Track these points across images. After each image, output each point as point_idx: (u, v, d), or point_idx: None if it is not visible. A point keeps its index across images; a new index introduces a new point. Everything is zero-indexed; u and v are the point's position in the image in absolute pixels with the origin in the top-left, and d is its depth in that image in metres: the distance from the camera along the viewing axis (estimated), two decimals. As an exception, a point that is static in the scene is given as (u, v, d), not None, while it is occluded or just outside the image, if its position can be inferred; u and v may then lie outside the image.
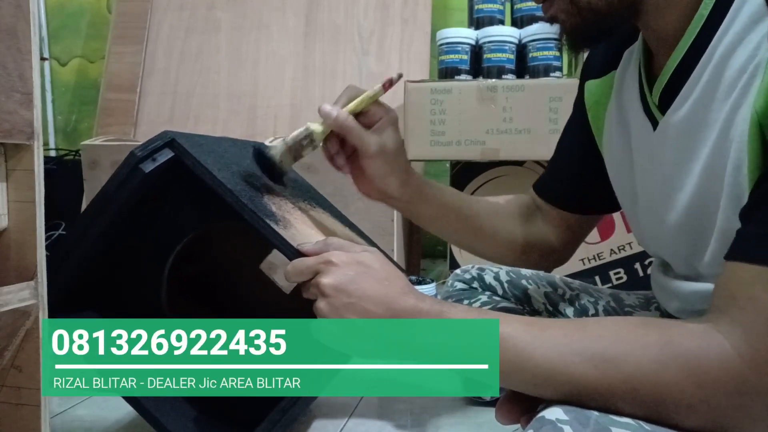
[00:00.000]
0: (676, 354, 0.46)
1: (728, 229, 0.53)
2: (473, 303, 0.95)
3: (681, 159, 0.58)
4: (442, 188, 0.82)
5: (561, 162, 0.86)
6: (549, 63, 1.67)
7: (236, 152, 0.83)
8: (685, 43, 0.57)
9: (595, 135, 0.78)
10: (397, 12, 2.11)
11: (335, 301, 0.57)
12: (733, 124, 0.51)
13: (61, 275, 0.74)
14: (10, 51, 0.58)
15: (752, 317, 0.45)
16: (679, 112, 0.58)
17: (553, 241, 0.86)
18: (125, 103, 2.17)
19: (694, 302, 0.65)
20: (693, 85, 0.56)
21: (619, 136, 0.71)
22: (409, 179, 0.76)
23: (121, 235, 0.77)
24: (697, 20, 0.56)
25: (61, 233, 1.95)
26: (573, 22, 0.60)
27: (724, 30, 0.53)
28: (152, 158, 0.71)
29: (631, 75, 0.68)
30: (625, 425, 0.45)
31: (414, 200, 0.78)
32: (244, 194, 0.69)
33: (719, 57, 0.53)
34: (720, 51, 0.53)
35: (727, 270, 0.49)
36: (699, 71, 0.56)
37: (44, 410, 0.62)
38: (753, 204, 0.50)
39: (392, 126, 0.73)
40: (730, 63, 0.52)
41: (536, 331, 0.51)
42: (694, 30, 0.56)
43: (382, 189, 0.75)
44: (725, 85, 0.53)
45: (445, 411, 0.98)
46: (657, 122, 0.62)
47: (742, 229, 0.50)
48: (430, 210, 0.80)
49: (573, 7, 0.58)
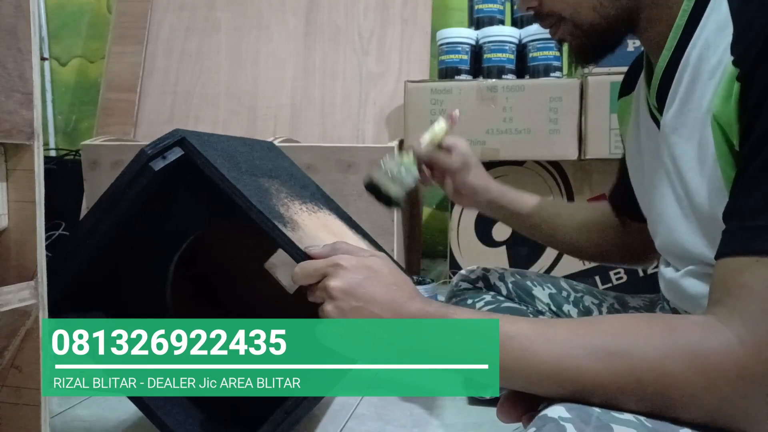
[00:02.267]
0: (679, 344, 0.47)
1: (711, 219, 0.56)
2: (477, 302, 0.95)
3: (675, 154, 0.61)
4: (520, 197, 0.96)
5: (618, 175, 0.92)
6: (549, 63, 1.67)
7: (246, 152, 0.82)
8: (668, 49, 0.61)
9: (624, 148, 0.82)
10: (397, 12, 2.11)
11: (343, 305, 0.58)
12: (707, 123, 0.54)
13: (63, 274, 0.73)
14: (10, 51, 0.57)
15: (746, 302, 0.46)
16: (670, 112, 0.62)
17: (634, 245, 0.90)
18: (125, 103, 2.17)
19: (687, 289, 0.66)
20: (677, 86, 0.60)
21: (635, 142, 0.74)
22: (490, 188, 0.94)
23: (127, 232, 0.77)
24: (675, 29, 0.60)
25: (62, 233, 1.95)
26: (579, 42, 0.65)
27: (697, 37, 0.57)
28: (162, 156, 0.71)
29: (642, 85, 0.72)
30: (626, 422, 0.45)
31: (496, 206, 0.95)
32: (253, 195, 0.69)
33: (695, 60, 0.57)
34: (695, 55, 0.57)
35: (718, 268, 0.50)
36: (680, 74, 0.59)
37: (44, 410, 0.62)
38: (731, 203, 0.52)
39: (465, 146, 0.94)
40: (704, 66, 0.56)
41: (541, 329, 0.51)
42: (675, 37, 0.60)
43: (470, 196, 0.94)
44: (701, 87, 0.56)
45: (445, 411, 0.98)
46: (659, 122, 0.65)
47: (726, 227, 0.51)
48: (511, 216, 0.96)
49: (577, 30, 0.65)
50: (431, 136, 0.93)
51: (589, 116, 1.54)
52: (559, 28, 0.66)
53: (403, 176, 0.89)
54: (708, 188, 0.56)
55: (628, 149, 0.78)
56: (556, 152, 1.58)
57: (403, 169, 0.89)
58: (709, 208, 0.56)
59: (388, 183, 0.88)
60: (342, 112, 2.03)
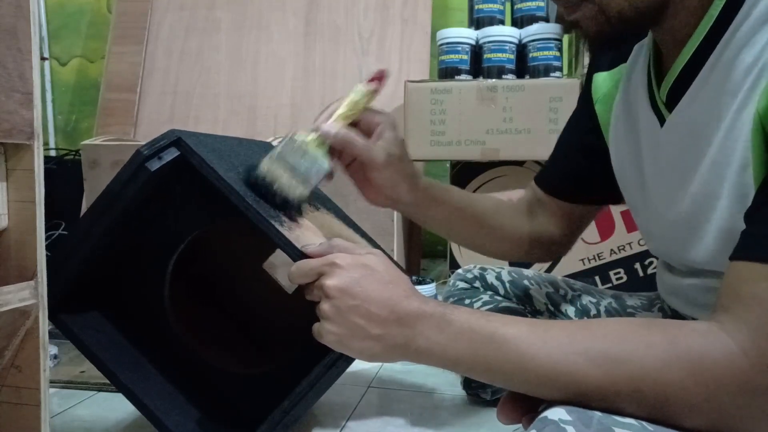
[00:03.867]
0: (679, 353, 0.46)
1: (730, 228, 0.53)
2: (474, 302, 0.95)
3: (687, 156, 0.59)
4: (448, 188, 0.82)
5: (561, 154, 0.87)
6: (549, 63, 1.67)
7: (242, 152, 0.82)
8: (694, 43, 0.57)
9: (601, 127, 0.78)
10: (397, 12, 2.11)
11: (339, 303, 0.57)
12: (739, 124, 0.52)
13: (63, 274, 0.73)
14: (10, 51, 0.57)
15: (756, 315, 0.45)
16: (687, 111, 0.59)
17: (555, 233, 0.86)
18: (125, 103, 2.17)
19: (694, 296, 0.65)
20: (701, 84, 0.57)
21: (627, 130, 0.71)
22: (417, 183, 0.76)
23: (124, 233, 0.77)
24: (706, 20, 0.56)
25: (61, 233, 1.95)
26: (599, 29, 0.59)
27: (733, 30, 0.54)
28: (158, 157, 0.71)
29: (640, 70, 0.68)
30: (628, 426, 0.45)
31: (423, 204, 0.78)
32: (249, 195, 0.69)
33: (727, 57, 0.54)
34: (728, 51, 0.54)
35: (731, 270, 0.49)
36: (707, 71, 0.56)
37: (44, 410, 0.62)
38: (756, 205, 0.50)
39: (391, 130, 0.72)
40: (737, 63, 0.53)
41: (539, 331, 0.51)
42: (703, 30, 0.56)
43: (392, 196, 0.75)
44: (732, 85, 0.53)
45: (445, 411, 0.98)
46: (664, 119, 0.63)
47: (747, 229, 0.50)
48: (439, 212, 0.80)
49: (602, 15, 0.58)
50: (348, 109, 0.69)
51: (589, 116, 1.54)
52: (579, 9, 0.59)
53: (308, 170, 0.68)
54: (729, 192, 0.53)
55: (617, 136, 0.74)
56: (556, 152, 1.58)
57: (308, 159, 0.67)
58: (729, 215, 0.53)
59: (286, 178, 0.68)
60: (342, 112, 2.02)
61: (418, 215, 0.81)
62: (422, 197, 0.77)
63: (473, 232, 0.85)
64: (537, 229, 0.86)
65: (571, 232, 0.87)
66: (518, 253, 0.87)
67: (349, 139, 0.70)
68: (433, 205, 0.79)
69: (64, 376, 1.10)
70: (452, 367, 0.55)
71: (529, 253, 0.88)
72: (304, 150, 0.68)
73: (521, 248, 0.86)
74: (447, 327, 0.54)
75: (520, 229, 0.86)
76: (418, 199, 0.77)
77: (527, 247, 0.86)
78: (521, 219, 0.86)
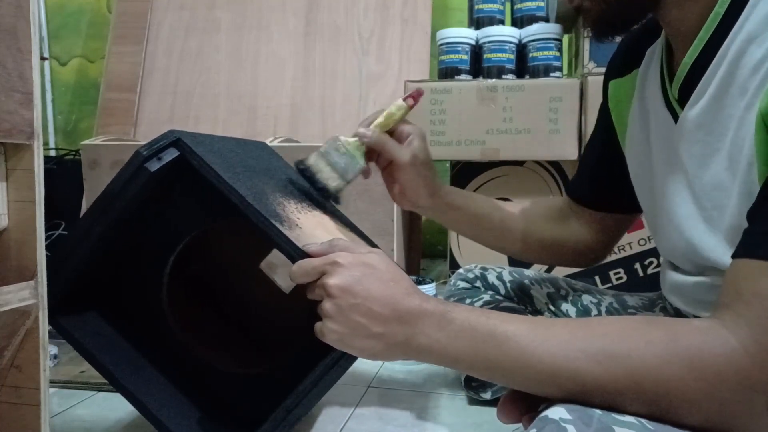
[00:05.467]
0: (679, 349, 0.46)
1: (739, 226, 0.53)
2: (475, 302, 0.95)
3: (699, 153, 0.59)
4: (471, 196, 0.89)
5: (587, 164, 0.89)
6: (549, 63, 1.67)
7: (241, 152, 0.83)
8: (701, 39, 0.58)
9: (618, 134, 0.79)
10: (397, 12, 2.11)
11: (341, 302, 0.57)
12: (747, 122, 0.52)
13: (62, 275, 0.73)
14: (10, 51, 0.57)
15: (757, 312, 0.45)
16: (696, 107, 0.59)
17: (589, 240, 0.88)
18: (125, 103, 2.17)
19: (700, 295, 0.65)
20: (709, 81, 0.57)
21: (640, 131, 0.72)
22: (437, 188, 0.84)
23: (124, 234, 0.77)
24: (713, 17, 0.57)
25: (61, 233, 1.95)
26: (598, 9, 0.62)
27: (739, 28, 0.54)
28: (158, 157, 0.71)
29: (653, 70, 0.69)
30: (628, 424, 0.45)
31: (441, 208, 0.86)
32: (249, 194, 0.69)
33: (733, 54, 0.54)
34: (734, 48, 0.54)
35: (733, 267, 0.49)
36: (714, 68, 0.56)
37: (44, 410, 0.62)
38: (758, 203, 0.50)
39: (420, 140, 0.82)
40: (744, 61, 0.53)
41: (540, 329, 0.51)
42: (710, 26, 0.57)
43: (411, 198, 0.83)
44: (740, 83, 0.53)
45: (445, 411, 0.98)
46: (677, 116, 0.63)
47: (748, 227, 0.50)
48: (461, 218, 0.88)
49: None
50: (385, 119, 0.80)
51: (589, 116, 1.54)
52: None
53: (346, 166, 0.78)
54: (739, 190, 0.53)
55: (632, 140, 0.75)
56: (556, 152, 1.58)
57: (346, 157, 0.78)
58: (738, 213, 0.54)
59: (327, 172, 0.79)
60: (342, 112, 2.03)
61: (440, 218, 0.89)
62: (440, 203, 0.85)
63: (496, 236, 0.90)
64: (565, 236, 0.89)
65: (608, 239, 0.89)
66: (544, 257, 0.93)
67: (382, 141, 0.79)
68: (450, 211, 0.86)
69: (64, 376, 1.10)
70: (453, 364, 0.56)
71: (555, 259, 0.93)
72: (344, 149, 0.79)
73: (546, 253, 0.91)
74: (448, 325, 0.55)
75: (543, 235, 0.89)
76: (436, 204, 0.85)
77: (551, 252, 0.90)
78: (546, 225, 0.90)
